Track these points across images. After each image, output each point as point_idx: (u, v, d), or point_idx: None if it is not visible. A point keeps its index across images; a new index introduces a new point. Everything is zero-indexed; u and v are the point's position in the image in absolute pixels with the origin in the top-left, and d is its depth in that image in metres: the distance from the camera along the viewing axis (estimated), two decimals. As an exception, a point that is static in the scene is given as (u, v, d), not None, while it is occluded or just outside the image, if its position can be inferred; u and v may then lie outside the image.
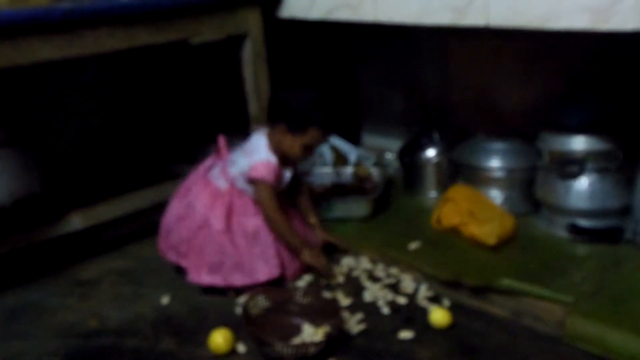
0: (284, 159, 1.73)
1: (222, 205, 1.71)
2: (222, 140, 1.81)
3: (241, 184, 1.73)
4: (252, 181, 1.70)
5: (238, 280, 1.70)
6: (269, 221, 1.70)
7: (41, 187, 1.95)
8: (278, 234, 1.71)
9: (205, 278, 1.71)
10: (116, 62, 2.38)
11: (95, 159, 2.41)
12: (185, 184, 1.82)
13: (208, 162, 1.82)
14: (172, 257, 1.80)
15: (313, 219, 1.86)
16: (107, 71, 2.42)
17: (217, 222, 1.69)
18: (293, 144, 1.69)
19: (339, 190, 2.16)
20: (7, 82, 2.12)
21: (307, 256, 1.72)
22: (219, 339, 1.47)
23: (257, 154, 1.70)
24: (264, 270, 1.70)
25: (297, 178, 1.84)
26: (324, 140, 1.76)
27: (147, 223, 2.10)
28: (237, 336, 1.50)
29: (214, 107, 2.64)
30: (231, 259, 1.69)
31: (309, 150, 1.72)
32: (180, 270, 1.81)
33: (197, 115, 2.62)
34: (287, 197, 1.81)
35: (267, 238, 1.71)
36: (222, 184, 1.74)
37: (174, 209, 1.79)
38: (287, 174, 1.77)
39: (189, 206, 1.74)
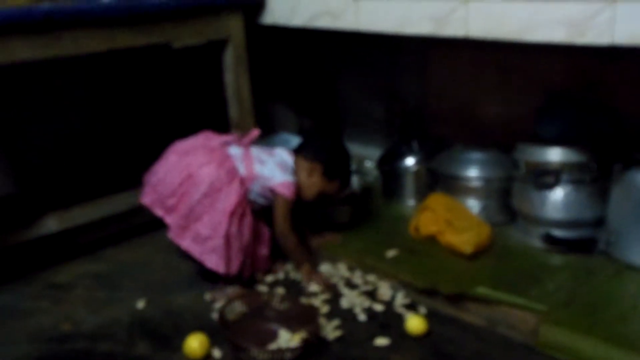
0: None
1: (238, 190, 1.69)
2: (256, 132, 1.84)
3: (259, 185, 1.75)
4: (277, 194, 1.75)
5: (211, 262, 1.69)
6: (280, 235, 1.77)
7: (16, 187, 1.92)
8: (284, 248, 1.79)
9: (185, 242, 1.70)
10: (95, 63, 2.36)
11: (72, 161, 2.38)
12: (191, 143, 1.78)
13: (227, 137, 1.81)
14: (157, 209, 1.76)
15: (302, 227, 1.94)
16: (86, 73, 2.40)
17: (228, 203, 1.67)
18: (316, 184, 1.81)
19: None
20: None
21: (306, 273, 1.78)
22: (195, 343, 1.46)
23: (289, 173, 1.78)
24: (235, 264, 1.71)
25: None
26: (334, 196, 1.89)
27: (123, 227, 2.09)
28: (213, 341, 1.49)
29: (193, 111, 2.63)
30: (218, 241, 1.67)
31: (320, 196, 1.83)
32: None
33: (176, 119, 2.61)
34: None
35: (246, 240, 1.71)
36: (241, 168, 1.74)
37: (172, 162, 1.74)
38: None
39: (199, 168, 1.69)
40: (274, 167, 1.77)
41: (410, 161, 2.18)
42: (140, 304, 1.72)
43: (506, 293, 1.56)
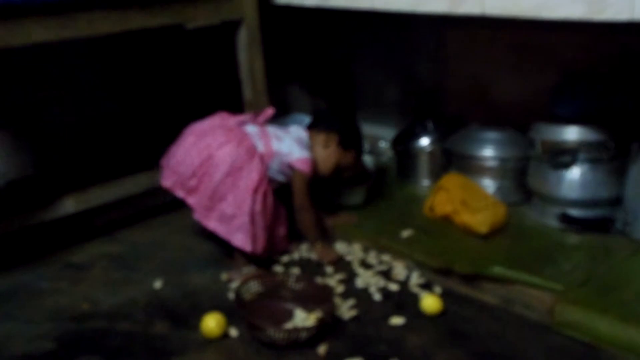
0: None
1: (258, 167, 1.71)
2: (270, 110, 1.86)
3: (277, 161, 1.76)
4: (296, 170, 1.78)
5: (238, 240, 1.70)
6: (299, 208, 1.79)
7: (34, 169, 1.94)
8: (301, 223, 1.81)
9: (212, 223, 1.72)
10: (112, 44, 2.36)
11: (89, 143, 2.40)
12: (207, 124, 1.79)
13: (241, 117, 1.83)
14: (178, 191, 1.76)
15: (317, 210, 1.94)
16: (102, 53, 2.41)
17: (251, 180, 1.69)
18: (333, 155, 1.85)
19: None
20: (0, 64, 2.11)
21: (318, 250, 1.81)
22: (212, 323, 1.47)
23: (306, 149, 1.81)
24: (260, 243, 1.72)
25: None
26: (351, 168, 1.93)
27: (139, 208, 2.11)
28: (230, 320, 1.50)
29: (208, 92, 2.63)
30: (243, 218, 1.68)
31: (338, 168, 1.88)
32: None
33: (190, 100, 2.62)
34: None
35: (268, 218, 1.73)
36: (259, 145, 1.75)
37: (190, 144, 1.74)
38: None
39: (218, 148, 1.70)
40: (291, 143, 1.78)
41: (425, 141, 2.17)
42: (157, 285, 1.74)
43: (522, 272, 1.55)
